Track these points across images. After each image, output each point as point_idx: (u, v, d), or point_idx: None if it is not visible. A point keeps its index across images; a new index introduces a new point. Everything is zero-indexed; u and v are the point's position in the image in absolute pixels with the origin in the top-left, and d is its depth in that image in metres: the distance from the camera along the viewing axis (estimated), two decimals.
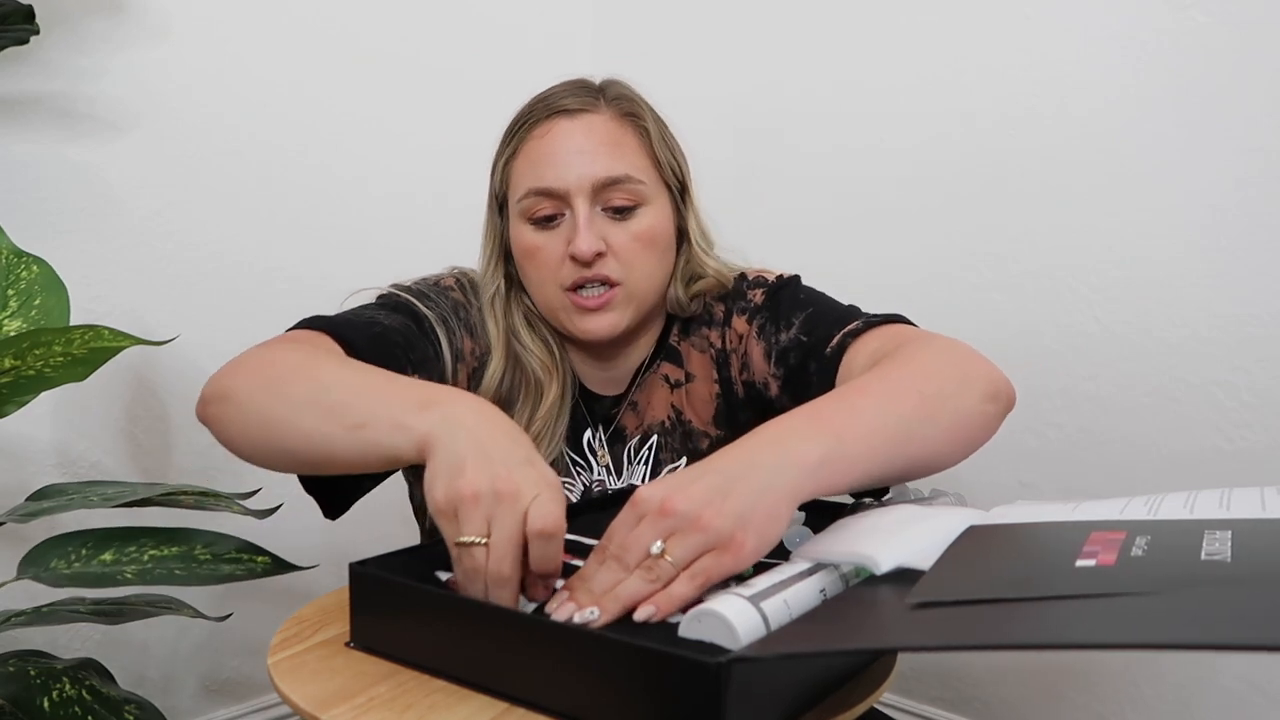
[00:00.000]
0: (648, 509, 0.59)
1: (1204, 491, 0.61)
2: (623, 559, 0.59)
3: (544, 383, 0.94)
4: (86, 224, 1.26)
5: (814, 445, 0.63)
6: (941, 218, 1.37)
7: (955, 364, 0.77)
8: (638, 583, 0.58)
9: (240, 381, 0.78)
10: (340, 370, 0.77)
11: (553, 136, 0.91)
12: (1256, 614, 0.41)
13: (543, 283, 0.92)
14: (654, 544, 0.58)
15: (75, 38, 1.23)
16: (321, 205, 1.47)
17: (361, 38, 1.50)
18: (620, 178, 0.90)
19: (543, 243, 0.91)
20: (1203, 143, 1.15)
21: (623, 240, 0.90)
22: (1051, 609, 0.46)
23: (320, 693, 0.58)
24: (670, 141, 0.96)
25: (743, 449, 0.63)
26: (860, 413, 0.69)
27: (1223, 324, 1.15)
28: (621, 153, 0.91)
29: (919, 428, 0.70)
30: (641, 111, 0.95)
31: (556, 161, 0.90)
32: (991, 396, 0.77)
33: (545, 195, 0.90)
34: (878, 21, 1.42)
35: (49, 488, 0.98)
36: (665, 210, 0.94)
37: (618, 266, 0.90)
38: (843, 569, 0.59)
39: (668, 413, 0.97)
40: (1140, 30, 1.19)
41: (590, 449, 0.98)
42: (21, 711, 0.81)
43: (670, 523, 0.58)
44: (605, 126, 0.92)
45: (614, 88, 0.96)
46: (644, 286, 0.92)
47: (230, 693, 1.43)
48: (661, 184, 0.94)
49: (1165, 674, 1.22)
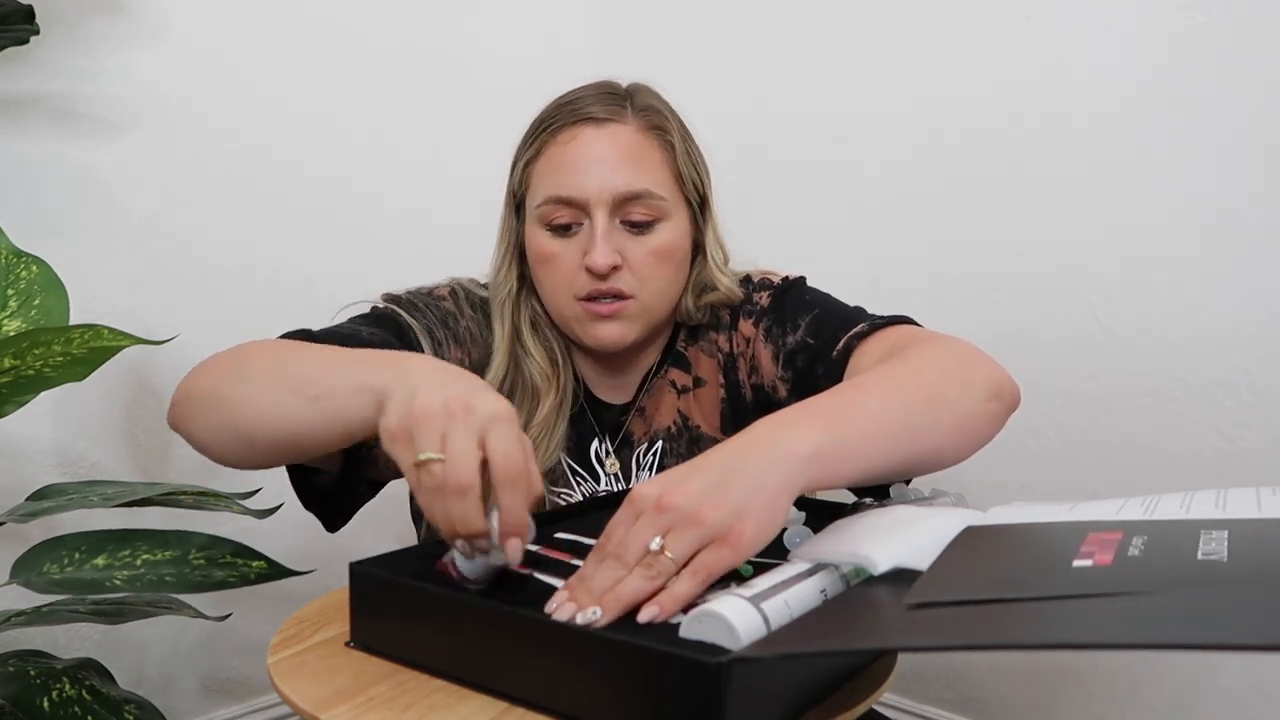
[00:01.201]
0: (644, 506, 0.59)
1: (1200, 492, 0.61)
2: (622, 557, 0.58)
3: (541, 390, 0.94)
4: (86, 224, 1.26)
5: (808, 437, 0.63)
6: (942, 219, 1.37)
7: (959, 362, 0.78)
8: (638, 581, 0.57)
9: (203, 379, 0.78)
10: (300, 351, 0.77)
11: (577, 144, 0.90)
12: (1253, 614, 0.41)
13: (556, 289, 0.92)
14: (653, 540, 0.58)
15: (75, 38, 1.23)
16: (321, 204, 1.47)
17: (362, 39, 1.50)
18: (641, 192, 0.88)
19: (559, 250, 0.90)
20: (1203, 144, 1.15)
21: (639, 255, 0.89)
22: (1049, 609, 0.46)
23: (320, 693, 0.58)
24: (695, 155, 0.95)
25: (737, 443, 0.64)
26: (856, 406, 0.69)
27: (1223, 324, 1.15)
28: (645, 166, 0.90)
29: (919, 422, 0.71)
30: (668, 124, 0.93)
31: (579, 170, 0.89)
32: (995, 395, 0.77)
33: (564, 204, 0.89)
34: (880, 24, 1.42)
35: (49, 487, 0.98)
36: (684, 225, 0.93)
37: (632, 280, 0.89)
38: (842, 569, 0.59)
39: (674, 418, 0.97)
40: (1140, 32, 1.19)
41: (598, 459, 0.97)
42: (21, 711, 0.81)
43: (668, 518, 0.58)
44: (631, 138, 0.90)
45: (641, 96, 0.94)
46: (657, 301, 0.92)
47: (230, 693, 1.43)
48: (682, 199, 0.93)
49: (1165, 674, 1.22)
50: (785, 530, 0.73)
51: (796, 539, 0.70)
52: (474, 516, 0.58)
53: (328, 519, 0.85)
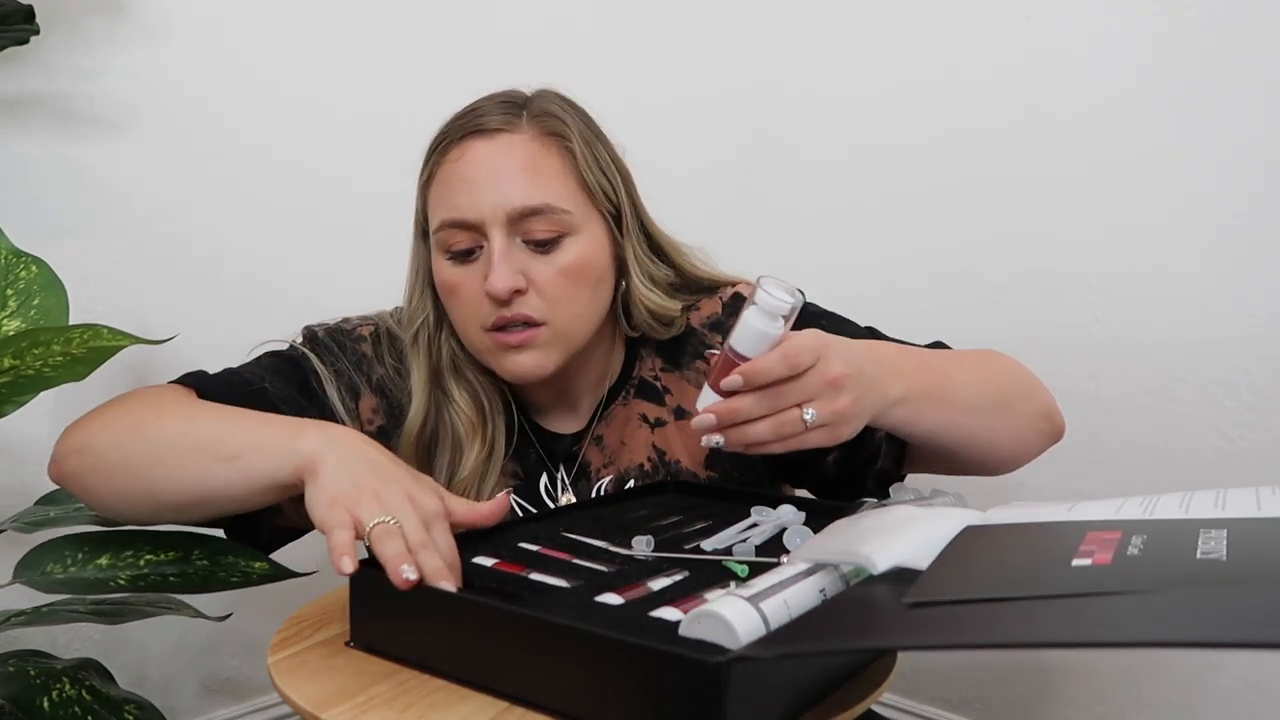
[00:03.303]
0: (813, 375, 0.66)
1: (1200, 492, 0.61)
2: (776, 404, 0.66)
3: (465, 443, 0.86)
4: (86, 224, 1.26)
5: (897, 386, 0.72)
6: (942, 219, 1.37)
7: (1025, 377, 0.86)
8: (767, 431, 0.66)
9: (97, 432, 0.76)
10: (205, 409, 0.77)
11: (466, 160, 0.82)
12: (1253, 612, 0.41)
13: (464, 321, 0.84)
14: (806, 411, 0.66)
15: (75, 38, 1.23)
16: (322, 205, 1.47)
17: (363, 39, 1.50)
18: (540, 207, 0.81)
19: (461, 278, 0.83)
20: (1203, 144, 1.15)
21: (546, 275, 0.81)
22: (1048, 608, 0.46)
23: (320, 692, 0.58)
24: (604, 162, 0.86)
25: (866, 353, 0.71)
26: (949, 379, 0.77)
27: (1223, 324, 1.15)
28: (542, 178, 0.82)
29: (987, 411, 0.79)
30: (566, 130, 0.84)
31: (469, 188, 0.81)
32: (1048, 416, 0.85)
33: (459, 226, 0.82)
34: (880, 21, 1.42)
35: (55, 493, 0.98)
36: (598, 239, 0.85)
37: (540, 304, 0.81)
38: (842, 569, 0.59)
39: (648, 454, 0.90)
40: (1142, 32, 1.19)
41: (548, 493, 0.90)
42: (21, 711, 0.81)
43: (829, 393, 0.66)
44: (524, 148, 0.82)
45: (540, 102, 0.86)
46: (572, 325, 0.84)
47: (230, 693, 1.43)
48: (593, 210, 0.85)
49: (1165, 674, 1.22)
50: (785, 530, 0.73)
51: (796, 539, 0.70)
52: (442, 569, 0.61)
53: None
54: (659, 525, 0.76)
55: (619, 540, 0.71)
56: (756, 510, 0.77)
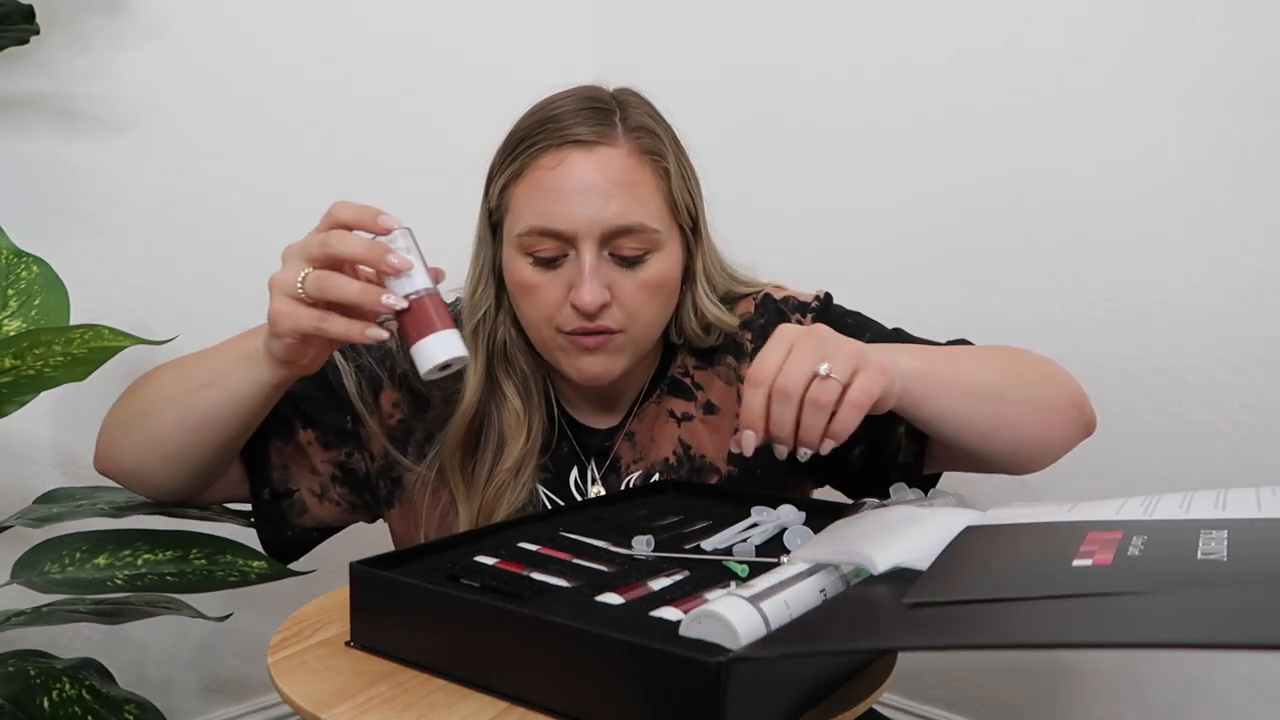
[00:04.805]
0: (795, 336, 0.66)
1: (1200, 492, 0.61)
2: (787, 388, 0.64)
3: (510, 433, 0.88)
4: (86, 224, 1.26)
5: (906, 359, 0.72)
6: (941, 220, 1.37)
7: (1053, 367, 0.85)
8: (814, 418, 0.64)
9: (113, 415, 0.88)
10: (177, 361, 0.86)
11: (563, 171, 0.82)
12: (1253, 613, 0.41)
13: (538, 319, 0.85)
14: (821, 365, 0.64)
15: (75, 38, 1.23)
16: (322, 206, 1.47)
17: (363, 39, 1.50)
18: (634, 226, 0.82)
19: (542, 282, 0.84)
20: (1204, 144, 1.15)
21: (629, 289, 0.83)
22: (1048, 609, 0.46)
23: (320, 692, 0.58)
24: (689, 179, 0.88)
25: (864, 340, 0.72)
26: (955, 360, 0.77)
27: (1223, 324, 1.15)
28: (637, 196, 0.82)
29: (1007, 392, 0.78)
30: (662, 147, 0.86)
31: (565, 200, 0.81)
32: (1077, 404, 0.83)
33: (550, 235, 0.82)
34: (878, 11, 1.42)
35: (56, 491, 0.98)
36: (676, 254, 0.87)
37: (621, 315, 0.83)
38: (842, 569, 0.59)
39: (674, 448, 0.91)
40: (1144, 32, 1.19)
41: (578, 487, 0.91)
42: (21, 711, 0.81)
43: (824, 346, 0.65)
44: (622, 165, 0.82)
45: (633, 114, 0.86)
46: (645, 334, 0.87)
47: (230, 693, 1.43)
48: (675, 225, 0.86)
49: (1165, 674, 1.22)
50: (785, 530, 0.73)
51: (796, 539, 0.70)
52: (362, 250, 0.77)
53: (282, 555, 0.93)
54: (659, 525, 0.76)
55: (619, 540, 0.71)
56: (757, 510, 0.78)
